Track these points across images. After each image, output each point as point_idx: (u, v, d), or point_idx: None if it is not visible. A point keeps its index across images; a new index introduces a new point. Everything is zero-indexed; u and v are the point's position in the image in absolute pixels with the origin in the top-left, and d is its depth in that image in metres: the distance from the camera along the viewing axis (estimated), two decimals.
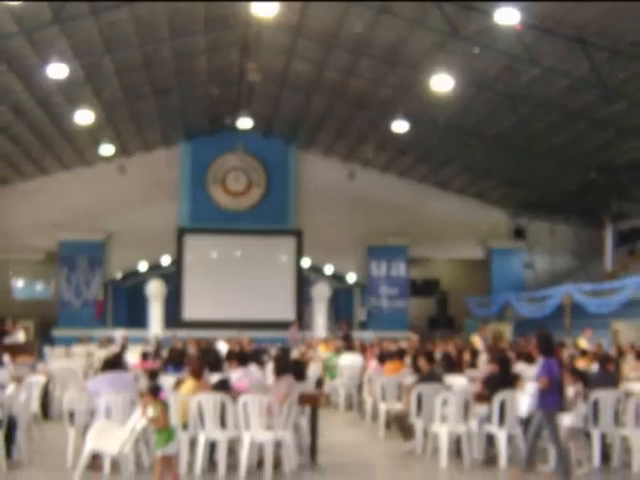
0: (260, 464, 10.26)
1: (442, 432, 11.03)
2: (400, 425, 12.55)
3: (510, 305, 36.16)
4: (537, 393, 10.16)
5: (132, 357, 17.59)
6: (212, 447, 10.39)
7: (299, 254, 36.45)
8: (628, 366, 15.57)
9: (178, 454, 9.55)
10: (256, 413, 10.10)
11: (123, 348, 20.57)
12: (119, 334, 28.48)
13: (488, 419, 11.14)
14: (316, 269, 36.92)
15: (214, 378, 11.34)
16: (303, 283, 36.37)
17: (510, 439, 11.03)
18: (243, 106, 31.56)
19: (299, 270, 36.51)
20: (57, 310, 35.97)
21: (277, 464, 10.26)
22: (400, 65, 25.44)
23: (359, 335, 30.28)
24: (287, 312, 35.33)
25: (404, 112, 26.88)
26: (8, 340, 20.79)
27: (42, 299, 38.59)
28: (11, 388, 11.52)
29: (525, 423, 10.66)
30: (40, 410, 14.50)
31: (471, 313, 37.66)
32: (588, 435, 11.02)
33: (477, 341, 24.42)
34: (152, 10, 22.72)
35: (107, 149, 31.88)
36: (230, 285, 35.53)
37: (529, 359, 13.87)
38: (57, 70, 21.75)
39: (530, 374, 11.38)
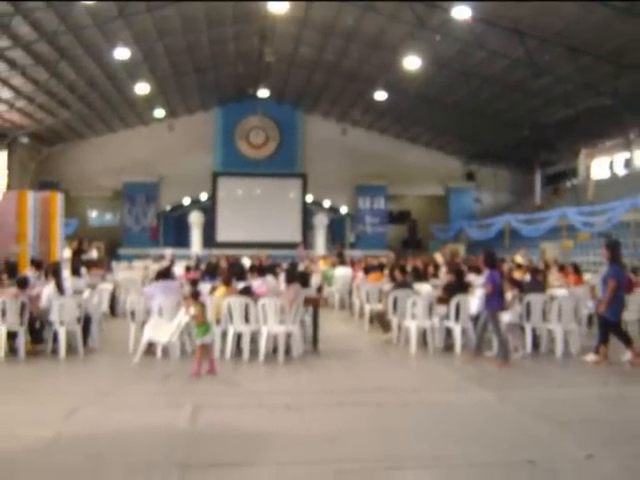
0: (275, 350, 10.17)
1: (412, 326, 10.92)
2: (380, 321, 12.49)
3: (463, 230, 36.21)
4: (483, 297, 10.04)
5: (178, 269, 17.50)
6: (238, 338, 10.29)
7: (304, 192, 36.32)
8: (552, 276, 15.38)
9: (213, 343, 9.45)
10: (272, 312, 9.99)
11: (171, 263, 20.54)
12: (168, 252, 28.52)
13: (447, 316, 11.01)
14: (317, 203, 36.77)
15: (240, 285, 11.20)
16: (307, 214, 36.27)
17: (463, 331, 10.91)
18: (262, 80, 31.89)
19: (304, 204, 36.39)
20: (121, 234, 36.22)
21: (287, 350, 10.16)
22: (381, 49, 25.43)
23: (350, 253, 30.22)
24: (295, 235, 35.21)
25: (384, 85, 27.39)
26: (85, 256, 20.60)
27: (110, 226, 38.59)
28: (87, 293, 11.42)
29: (474, 319, 10.52)
30: (109, 309, 14.64)
31: (434, 236, 37.73)
32: (522, 328, 10.91)
33: (438, 257, 24.34)
34: (193, 8, 22.80)
35: (159, 112, 32.57)
36: (252, 215, 35.42)
37: (478, 271, 13.65)
38: (122, 53, 22.65)
39: (478, 282, 11.19)
